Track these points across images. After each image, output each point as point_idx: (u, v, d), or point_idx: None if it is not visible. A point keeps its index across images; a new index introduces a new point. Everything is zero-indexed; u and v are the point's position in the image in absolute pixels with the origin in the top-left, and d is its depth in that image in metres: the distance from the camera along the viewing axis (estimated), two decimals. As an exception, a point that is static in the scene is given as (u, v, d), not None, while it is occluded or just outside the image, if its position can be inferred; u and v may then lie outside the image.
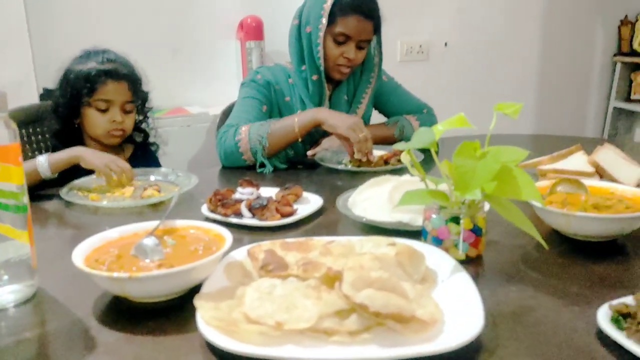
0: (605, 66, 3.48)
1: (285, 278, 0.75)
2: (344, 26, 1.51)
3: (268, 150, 1.45)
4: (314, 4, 1.53)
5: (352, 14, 1.50)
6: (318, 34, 1.51)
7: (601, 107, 3.55)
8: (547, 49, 3.13)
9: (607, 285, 0.79)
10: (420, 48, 2.73)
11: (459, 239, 0.86)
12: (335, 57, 1.54)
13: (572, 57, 3.29)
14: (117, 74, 1.48)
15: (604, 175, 1.17)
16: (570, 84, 3.35)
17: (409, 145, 0.87)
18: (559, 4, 3.09)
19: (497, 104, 0.88)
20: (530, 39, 3.07)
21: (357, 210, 1.04)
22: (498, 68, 2.98)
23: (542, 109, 3.24)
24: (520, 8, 2.97)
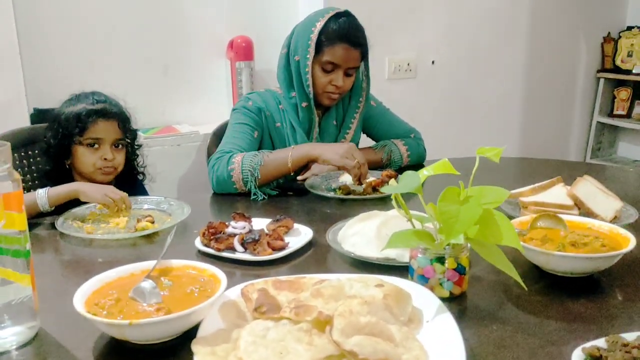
0: (589, 82, 3.56)
1: (278, 320, 0.78)
2: (332, 55, 1.55)
3: (260, 182, 1.48)
4: (302, 34, 1.57)
5: (339, 43, 1.54)
6: (306, 62, 1.55)
7: (585, 122, 3.63)
8: (533, 65, 3.20)
9: (583, 324, 0.83)
10: (408, 66, 2.78)
11: (443, 277, 0.91)
12: (324, 85, 1.58)
13: (556, 73, 3.37)
14: (107, 113, 1.52)
15: (582, 208, 1.22)
16: (555, 99, 3.43)
17: (396, 190, 0.91)
18: (543, 22, 3.16)
19: (479, 148, 0.92)
20: (515, 56, 3.13)
21: (346, 245, 1.08)
22: (484, 85, 3.04)
23: (528, 124, 3.30)
24: (505, 26, 3.04)
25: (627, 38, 3.46)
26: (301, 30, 1.59)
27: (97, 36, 2.27)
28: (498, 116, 3.15)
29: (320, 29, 1.55)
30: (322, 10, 1.61)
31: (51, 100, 1.75)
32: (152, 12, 2.36)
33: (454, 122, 2.98)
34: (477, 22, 2.93)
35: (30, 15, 2.15)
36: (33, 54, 2.15)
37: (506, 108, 3.19)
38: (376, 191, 1.48)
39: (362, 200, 1.44)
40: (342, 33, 1.54)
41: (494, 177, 1.11)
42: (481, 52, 2.99)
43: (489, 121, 3.10)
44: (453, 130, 2.93)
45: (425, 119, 2.15)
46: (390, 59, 2.72)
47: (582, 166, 2.38)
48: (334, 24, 1.55)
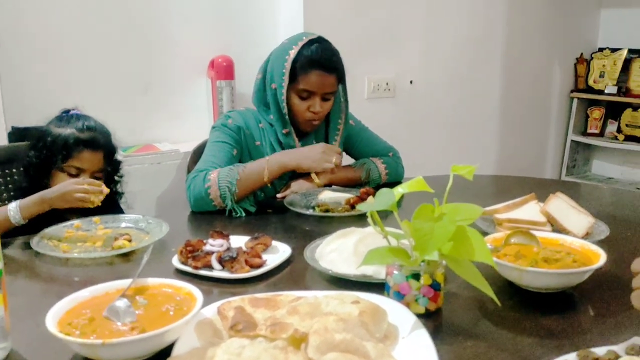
0: (563, 102, 3.64)
1: (254, 338, 0.79)
2: (306, 83, 1.56)
3: (237, 196, 1.48)
4: (276, 62, 1.58)
5: (313, 70, 1.55)
6: (282, 91, 1.56)
7: (560, 140, 3.71)
8: (508, 86, 3.26)
9: (555, 339, 0.85)
10: (387, 85, 2.82)
11: (419, 294, 0.92)
12: (302, 112, 1.59)
13: (532, 93, 3.44)
14: (94, 144, 1.49)
15: (555, 224, 1.24)
16: (530, 119, 3.50)
17: (371, 207, 0.92)
18: (518, 45, 3.24)
19: (453, 166, 0.94)
20: (491, 76, 3.20)
21: (324, 262, 1.09)
22: (462, 105, 3.10)
23: (505, 143, 3.36)
24: (481, 48, 3.10)
25: (599, 59, 3.56)
26: (276, 57, 1.60)
27: (77, 54, 2.27)
28: (475, 135, 3.20)
29: (294, 58, 1.56)
30: (295, 37, 1.62)
31: (30, 118, 1.73)
32: (133, 30, 2.36)
33: (432, 141, 3.02)
34: (454, 45, 2.99)
35: (9, 32, 2.14)
36: (11, 71, 2.13)
37: (483, 127, 3.25)
38: (354, 208, 1.49)
39: (341, 217, 1.45)
40: (315, 60, 1.56)
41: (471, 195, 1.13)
42: (458, 73, 3.05)
43: (466, 140, 3.15)
44: (431, 149, 2.97)
45: (403, 137, 2.18)
46: (370, 79, 2.75)
47: (555, 184, 2.42)
48: (307, 51, 1.56)
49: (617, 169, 3.74)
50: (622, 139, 3.51)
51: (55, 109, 1.61)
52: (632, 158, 3.62)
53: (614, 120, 3.60)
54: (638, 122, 3.46)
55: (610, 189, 2.47)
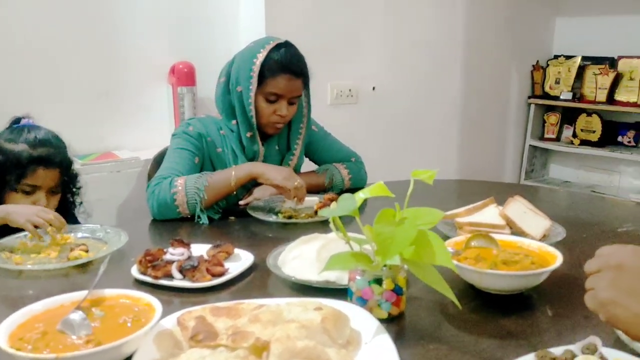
0: (521, 108, 3.73)
1: (215, 348, 0.77)
2: (275, 86, 1.56)
3: (205, 203, 1.47)
4: (243, 65, 1.57)
5: (282, 74, 1.55)
6: (249, 94, 1.55)
7: (518, 145, 3.80)
8: (468, 92, 3.33)
9: (514, 340, 0.86)
10: (349, 92, 2.83)
11: (381, 298, 0.92)
12: (268, 115, 1.59)
13: (491, 99, 3.52)
14: (49, 161, 1.44)
15: (513, 227, 1.27)
16: (490, 124, 3.58)
17: (333, 213, 0.92)
18: (477, 52, 3.31)
19: (414, 171, 0.95)
20: (452, 83, 3.25)
21: (286, 269, 1.08)
22: (423, 111, 3.14)
23: (466, 148, 3.42)
24: (442, 55, 3.16)
25: (555, 66, 3.67)
26: (242, 60, 1.59)
27: (33, 59, 2.20)
28: (436, 141, 3.25)
29: (262, 61, 1.55)
30: (262, 41, 1.61)
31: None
32: (91, 35, 2.31)
33: (394, 146, 3.05)
34: (415, 51, 3.03)
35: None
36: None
37: (444, 133, 3.30)
38: (318, 215, 1.49)
39: (304, 224, 1.44)
40: (284, 64, 1.56)
41: (432, 199, 1.14)
42: (419, 79, 3.09)
43: (427, 145, 3.20)
44: (393, 154, 3.00)
45: (366, 143, 2.19)
46: (333, 85, 2.76)
47: (514, 187, 2.48)
48: (276, 54, 1.56)
49: (573, 173, 3.85)
50: (578, 143, 3.61)
51: (6, 117, 1.55)
52: (587, 162, 3.74)
53: (569, 126, 3.71)
54: (592, 127, 3.57)
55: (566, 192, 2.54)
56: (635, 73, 3.34)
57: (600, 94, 3.43)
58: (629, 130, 3.52)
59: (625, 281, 0.69)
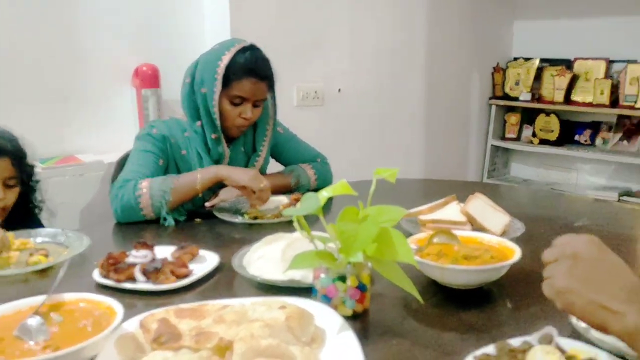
0: (482, 108, 3.82)
1: (178, 350, 0.77)
2: (239, 89, 1.55)
3: (170, 206, 1.46)
4: (207, 67, 1.56)
5: (247, 77, 1.54)
6: (213, 96, 1.54)
7: (481, 145, 3.88)
8: (431, 93, 3.38)
9: (475, 333, 0.88)
10: (315, 94, 2.85)
11: (346, 296, 0.93)
12: (233, 118, 1.58)
13: (453, 101, 3.59)
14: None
15: (474, 223, 1.30)
16: (453, 125, 3.64)
17: (297, 212, 0.93)
18: (439, 54, 3.37)
19: (377, 169, 0.96)
20: (415, 84, 3.30)
21: (251, 269, 1.08)
22: (388, 112, 3.18)
23: (430, 148, 3.48)
24: (405, 57, 3.21)
25: (514, 68, 3.76)
26: (206, 62, 1.58)
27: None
28: (401, 141, 3.29)
29: (227, 64, 1.54)
30: (227, 43, 1.60)
31: None
32: (53, 36, 2.25)
33: (360, 147, 3.08)
34: (379, 54, 3.07)
35: None
36: None
37: (409, 134, 3.35)
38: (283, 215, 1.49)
39: (270, 224, 1.44)
40: (249, 67, 1.55)
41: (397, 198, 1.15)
42: (383, 81, 3.13)
43: (393, 146, 3.23)
44: (359, 155, 3.02)
45: (332, 145, 2.21)
46: (299, 87, 2.77)
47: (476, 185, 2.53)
48: (240, 57, 1.56)
49: (533, 171, 3.95)
50: (537, 142, 3.71)
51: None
52: (546, 160, 3.85)
53: (529, 125, 3.81)
54: (550, 127, 3.68)
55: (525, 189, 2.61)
56: (590, 74, 3.45)
57: (557, 94, 3.53)
58: (585, 129, 3.64)
59: (580, 269, 0.72)
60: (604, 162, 3.57)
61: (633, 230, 1.54)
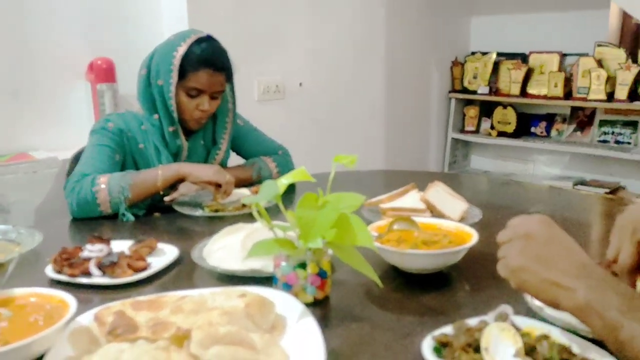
0: (442, 102, 3.88)
1: (134, 341, 0.75)
2: (196, 81, 1.52)
3: (129, 202, 1.43)
4: (163, 58, 1.53)
5: (203, 69, 1.52)
6: (169, 88, 1.52)
7: (441, 138, 3.95)
8: (391, 87, 3.42)
9: (434, 316, 0.90)
10: (277, 88, 2.84)
11: (306, 283, 0.92)
12: (190, 110, 1.55)
13: (413, 94, 3.63)
14: None
15: (434, 211, 1.32)
16: (413, 118, 3.69)
17: (256, 199, 0.92)
18: (398, 48, 3.40)
19: (336, 156, 0.96)
20: (375, 78, 3.33)
21: (211, 260, 1.07)
22: (349, 105, 3.20)
23: (391, 142, 3.51)
24: (364, 51, 3.23)
25: (472, 62, 3.84)
26: (162, 54, 1.54)
27: None
28: (363, 135, 3.31)
29: (183, 55, 1.52)
30: (183, 34, 1.57)
31: None
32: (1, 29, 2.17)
33: (322, 141, 3.08)
34: (339, 47, 3.08)
35: None
36: None
37: (370, 127, 3.37)
38: (246, 207, 1.48)
39: (231, 217, 1.43)
40: (205, 58, 1.53)
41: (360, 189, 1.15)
42: (344, 75, 3.14)
43: (354, 140, 3.25)
44: (321, 148, 3.03)
45: (294, 138, 2.20)
46: (259, 81, 2.76)
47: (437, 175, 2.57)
48: (197, 48, 1.53)
49: (492, 163, 4.04)
50: (495, 135, 3.80)
51: None
52: (504, 152, 3.94)
53: (487, 118, 3.89)
54: (508, 119, 3.76)
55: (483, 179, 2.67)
56: (544, 67, 3.55)
57: (514, 87, 3.62)
58: (541, 121, 3.74)
59: (533, 248, 0.73)
60: (559, 153, 3.68)
61: (586, 215, 1.59)
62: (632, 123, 3.41)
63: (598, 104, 3.34)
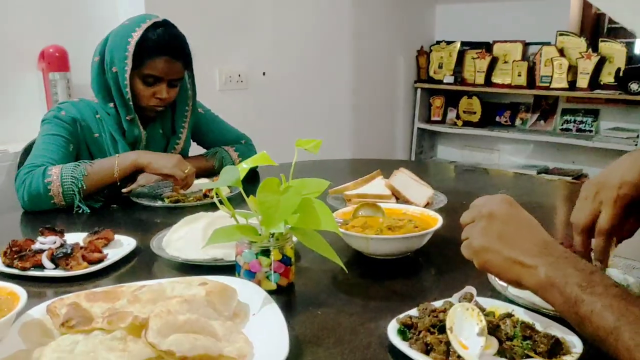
0: (408, 92, 3.89)
1: (89, 332, 0.72)
2: (153, 68, 1.47)
3: (84, 193, 1.38)
4: (118, 44, 1.47)
5: (160, 56, 1.47)
6: (125, 75, 1.46)
7: (408, 128, 3.97)
8: (357, 77, 3.41)
9: (399, 300, 0.89)
10: (239, 77, 2.79)
11: (270, 270, 0.90)
12: (147, 98, 1.50)
13: (379, 84, 3.63)
14: None
15: (399, 197, 1.31)
16: (380, 108, 3.69)
17: (216, 184, 0.89)
18: (363, 38, 3.40)
19: (298, 140, 0.94)
20: (341, 68, 3.32)
21: (171, 250, 1.03)
22: (315, 95, 3.18)
23: (358, 131, 3.51)
24: (330, 41, 3.21)
25: (437, 51, 3.86)
26: (116, 39, 1.48)
27: None
28: (329, 125, 3.30)
29: (138, 40, 1.46)
30: (138, 19, 1.51)
31: None
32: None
33: (287, 131, 3.04)
34: (303, 36, 3.05)
35: None
36: None
37: (337, 117, 3.36)
38: (207, 197, 1.44)
39: (192, 207, 1.39)
40: (162, 44, 1.47)
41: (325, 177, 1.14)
42: (310, 65, 3.12)
43: (321, 130, 3.23)
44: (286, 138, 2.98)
45: (258, 129, 2.17)
46: (221, 70, 2.70)
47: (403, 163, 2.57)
48: (152, 34, 1.47)
49: (458, 153, 4.09)
50: (461, 124, 3.84)
51: None
52: (470, 142, 3.98)
53: (453, 108, 3.93)
54: (473, 109, 3.81)
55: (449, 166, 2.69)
56: (508, 56, 3.60)
57: (478, 77, 3.66)
58: (506, 111, 3.79)
59: (495, 228, 0.73)
60: (523, 142, 3.74)
61: (549, 199, 1.61)
62: (593, 111, 3.49)
63: (560, 93, 3.41)
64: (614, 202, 0.77)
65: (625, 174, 0.78)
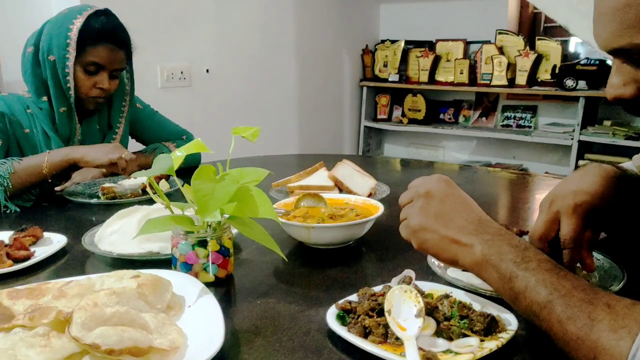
0: (354, 90, 3.92)
1: (9, 330, 0.67)
2: (96, 56, 1.42)
3: (11, 192, 1.30)
4: (57, 32, 1.40)
5: (103, 43, 1.42)
6: (66, 63, 1.40)
7: (355, 126, 3.99)
8: (303, 74, 3.40)
9: (340, 287, 0.88)
10: (182, 74, 2.73)
11: (207, 262, 0.87)
12: (87, 88, 1.45)
13: (325, 82, 3.64)
14: None
15: (342, 187, 1.30)
16: (326, 106, 3.70)
17: (148, 173, 0.86)
18: (308, 36, 3.40)
19: (234, 128, 0.92)
20: (286, 66, 3.30)
21: (104, 245, 0.99)
22: (260, 93, 3.15)
23: (305, 130, 3.50)
24: (274, 38, 3.19)
25: (382, 50, 3.90)
26: (54, 28, 1.42)
27: None
28: (275, 123, 3.28)
29: (80, 27, 1.40)
30: (78, 8, 1.46)
31: None
32: None
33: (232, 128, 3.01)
34: (247, 33, 3.02)
35: None
36: None
37: (283, 115, 3.34)
38: (146, 193, 1.39)
39: (130, 203, 1.34)
40: (106, 32, 1.43)
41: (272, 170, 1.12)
42: (254, 63, 3.09)
43: (267, 129, 3.17)
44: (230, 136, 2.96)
45: (202, 126, 2.13)
46: (162, 67, 2.64)
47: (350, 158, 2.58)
48: (95, 22, 1.43)
49: (404, 150, 4.14)
50: (406, 122, 3.89)
51: None
52: (415, 139, 4.05)
53: (398, 106, 3.98)
54: (418, 107, 3.87)
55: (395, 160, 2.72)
56: (451, 55, 3.68)
57: (422, 75, 3.72)
58: (449, 108, 3.88)
59: (432, 207, 0.73)
60: (466, 138, 3.83)
61: (492, 189, 1.65)
62: (532, 107, 3.62)
63: (500, 90, 3.51)
64: (573, 210, 0.75)
65: (579, 184, 0.77)
